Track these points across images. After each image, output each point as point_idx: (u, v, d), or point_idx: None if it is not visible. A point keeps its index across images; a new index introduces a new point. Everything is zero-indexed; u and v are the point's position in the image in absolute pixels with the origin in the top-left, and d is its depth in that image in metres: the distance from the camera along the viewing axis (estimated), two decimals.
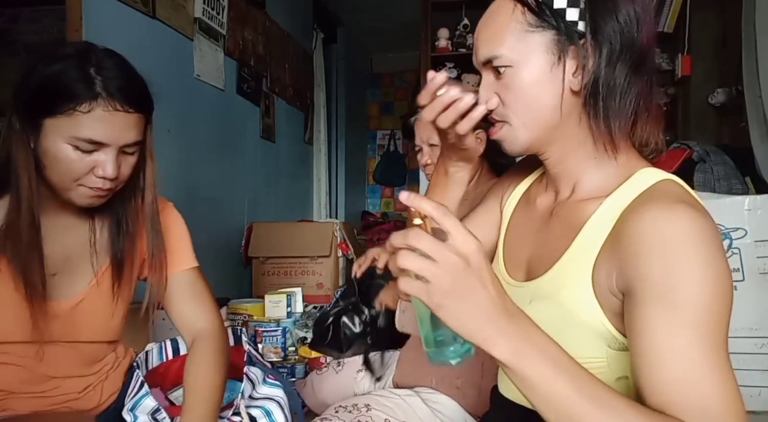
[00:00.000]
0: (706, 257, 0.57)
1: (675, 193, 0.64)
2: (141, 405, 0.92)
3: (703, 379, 0.55)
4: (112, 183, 0.88)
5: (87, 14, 1.73)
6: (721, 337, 0.57)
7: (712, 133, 2.82)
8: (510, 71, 0.69)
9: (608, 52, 0.65)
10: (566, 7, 0.66)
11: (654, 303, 0.58)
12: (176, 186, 2.26)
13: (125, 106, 0.85)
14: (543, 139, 0.71)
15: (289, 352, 1.92)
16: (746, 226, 1.72)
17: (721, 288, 0.57)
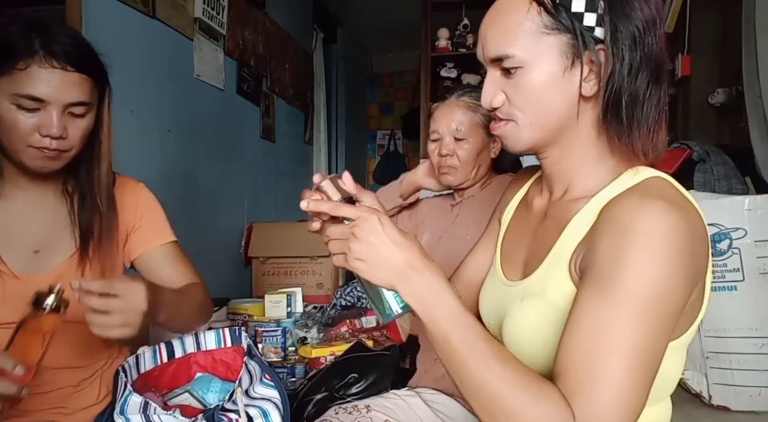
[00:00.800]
0: (661, 254, 0.57)
1: (659, 189, 0.64)
2: (129, 405, 0.92)
3: (605, 352, 0.56)
4: (58, 143, 0.89)
5: (87, 14, 1.73)
6: (649, 335, 0.56)
7: (712, 133, 2.82)
8: (520, 71, 0.68)
9: (629, 61, 0.64)
10: (584, 11, 0.65)
11: (593, 282, 0.59)
12: (176, 186, 2.26)
13: (63, 63, 0.87)
14: (546, 139, 0.71)
15: (289, 352, 1.92)
16: (746, 226, 1.72)
17: (663, 289, 0.57)
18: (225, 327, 1.16)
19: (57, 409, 0.99)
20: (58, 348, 0.95)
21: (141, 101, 2.03)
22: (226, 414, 0.94)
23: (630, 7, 0.65)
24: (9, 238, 0.95)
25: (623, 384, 0.55)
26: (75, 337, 1.00)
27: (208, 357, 1.11)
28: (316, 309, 2.34)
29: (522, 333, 0.72)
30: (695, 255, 0.60)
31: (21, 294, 0.91)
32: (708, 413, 1.72)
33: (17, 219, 0.96)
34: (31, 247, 0.97)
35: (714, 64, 2.81)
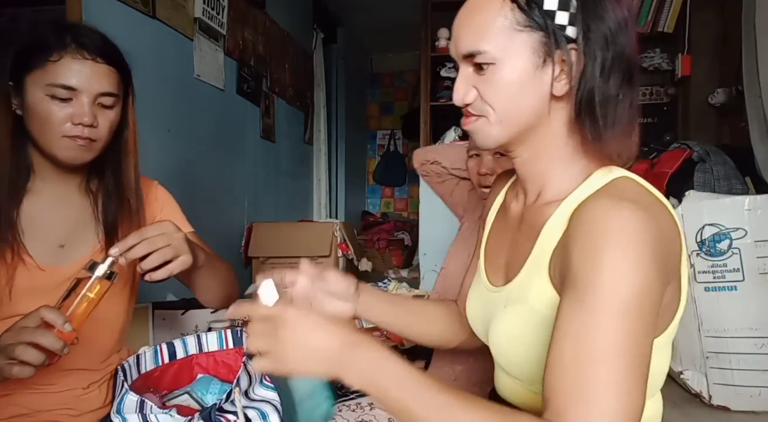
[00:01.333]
0: (629, 256, 0.56)
1: (625, 190, 0.64)
2: (125, 404, 0.92)
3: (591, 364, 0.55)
4: (89, 131, 0.93)
5: (87, 14, 1.73)
6: (633, 337, 0.56)
7: (712, 133, 2.82)
8: (492, 68, 0.68)
9: (601, 61, 0.65)
10: (556, 10, 0.65)
11: (570, 291, 0.59)
12: (176, 186, 2.25)
13: (94, 55, 0.93)
14: (516, 137, 0.71)
15: None
16: (746, 226, 1.72)
17: (639, 289, 0.56)
18: (227, 329, 1.16)
19: (65, 410, 1.00)
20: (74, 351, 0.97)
21: (141, 101, 2.01)
22: (225, 415, 0.94)
23: (602, 7, 0.65)
24: (36, 232, 0.98)
25: (616, 390, 0.54)
26: (92, 340, 1.00)
27: (210, 359, 1.11)
28: None
29: (506, 340, 0.72)
30: (665, 253, 0.60)
31: (47, 286, 0.95)
32: (708, 413, 1.72)
33: (44, 214, 0.99)
34: (57, 241, 1.00)
35: (714, 64, 2.82)
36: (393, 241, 3.93)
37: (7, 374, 0.78)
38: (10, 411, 0.96)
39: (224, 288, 1.13)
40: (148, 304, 1.70)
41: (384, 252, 3.76)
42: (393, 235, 4.06)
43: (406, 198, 5.74)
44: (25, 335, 0.77)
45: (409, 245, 4.03)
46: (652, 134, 3.09)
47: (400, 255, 3.83)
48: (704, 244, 1.76)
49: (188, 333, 1.72)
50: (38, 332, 0.78)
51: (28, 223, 0.97)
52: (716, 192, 2.05)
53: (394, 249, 3.84)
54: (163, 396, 1.04)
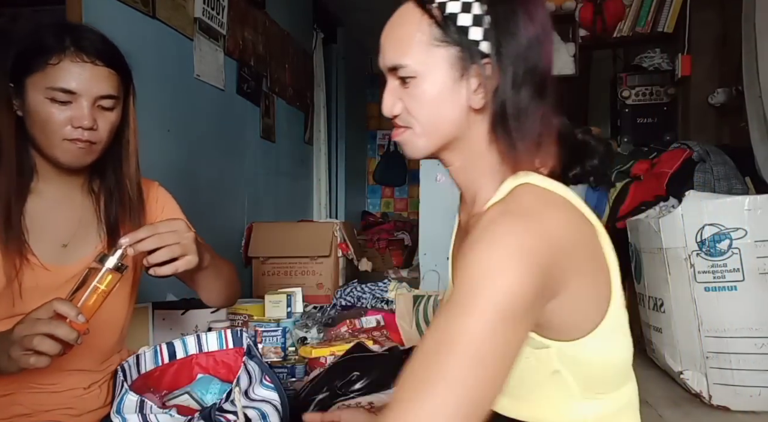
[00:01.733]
0: (497, 264, 0.57)
1: (519, 200, 0.65)
2: (125, 404, 0.92)
3: (434, 360, 0.56)
4: (90, 134, 0.93)
5: (87, 14, 1.73)
6: (485, 337, 0.56)
7: (712, 133, 2.82)
8: (414, 81, 0.70)
9: (512, 75, 0.66)
10: (470, 26, 0.67)
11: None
12: (176, 186, 2.25)
13: (93, 58, 0.93)
14: (443, 148, 0.73)
15: (289, 352, 1.92)
16: (746, 226, 1.71)
17: (503, 294, 0.57)
18: (227, 329, 1.16)
19: (65, 410, 1.00)
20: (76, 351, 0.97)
21: (141, 101, 2.02)
22: (225, 415, 0.94)
23: (514, 23, 0.66)
24: (40, 232, 0.98)
25: (452, 383, 0.54)
26: (93, 340, 1.01)
27: (210, 359, 1.11)
28: (316, 309, 2.34)
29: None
30: (550, 262, 0.60)
31: (51, 284, 0.96)
32: (708, 413, 1.72)
33: (48, 214, 1.00)
34: (60, 241, 1.01)
35: (714, 64, 2.82)
36: (393, 241, 3.93)
37: (24, 364, 0.79)
38: (12, 410, 0.96)
39: (227, 289, 1.14)
40: (148, 304, 1.70)
41: (384, 252, 3.76)
42: (393, 235, 4.05)
43: (406, 198, 5.74)
44: (40, 326, 0.78)
45: (409, 245, 4.03)
46: (652, 134, 3.09)
47: (400, 255, 3.83)
48: (704, 244, 1.76)
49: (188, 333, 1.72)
50: (53, 323, 0.79)
51: (32, 223, 0.98)
52: (716, 192, 2.05)
53: (394, 249, 3.84)
54: (163, 396, 1.04)
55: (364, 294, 2.49)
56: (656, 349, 2.00)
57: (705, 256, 1.76)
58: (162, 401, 1.02)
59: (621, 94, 3.25)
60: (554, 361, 0.66)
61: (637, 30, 3.07)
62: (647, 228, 1.98)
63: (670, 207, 2.05)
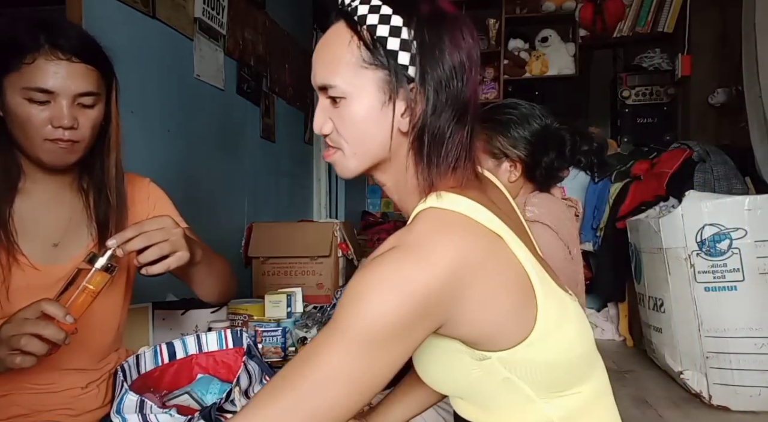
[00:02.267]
0: (365, 294, 0.59)
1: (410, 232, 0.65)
2: (125, 404, 0.92)
3: (286, 370, 0.62)
4: (71, 133, 0.91)
5: (87, 14, 1.73)
6: (322, 363, 0.60)
7: (712, 133, 2.82)
8: (344, 102, 0.71)
9: (434, 102, 0.67)
10: (398, 50, 0.67)
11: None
12: (176, 186, 2.26)
13: (69, 55, 0.90)
14: (373, 168, 0.74)
15: (289, 352, 1.91)
16: (746, 226, 1.72)
17: (366, 323, 0.59)
18: (227, 329, 1.16)
19: (64, 410, 1.00)
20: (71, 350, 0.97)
21: (141, 101, 2.03)
22: (224, 415, 0.94)
23: (439, 51, 0.66)
24: (29, 232, 0.97)
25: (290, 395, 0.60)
26: (89, 339, 1.01)
27: (210, 359, 1.11)
28: (316, 309, 2.34)
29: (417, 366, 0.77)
30: (431, 292, 0.60)
31: (41, 285, 0.94)
32: (708, 413, 1.72)
33: (36, 214, 0.99)
34: (50, 240, 0.99)
35: (714, 64, 2.82)
36: None
37: (10, 364, 0.78)
38: (10, 411, 0.96)
39: (222, 284, 1.13)
40: (148, 304, 1.70)
41: None
42: None
43: None
44: (28, 326, 0.78)
45: None
46: (652, 134, 3.09)
47: None
48: (704, 244, 1.76)
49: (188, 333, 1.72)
50: (41, 324, 0.78)
51: (21, 223, 0.96)
52: (716, 192, 2.05)
53: None
54: (163, 396, 1.04)
55: None
56: (656, 349, 2.00)
57: (705, 256, 1.76)
58: (162, 401, 1.02)
59: (621, 94, 3.25)
60: (500, 369, 0.67)
61: (637, 30, 3.07)
62: (647, 228, 1.98)
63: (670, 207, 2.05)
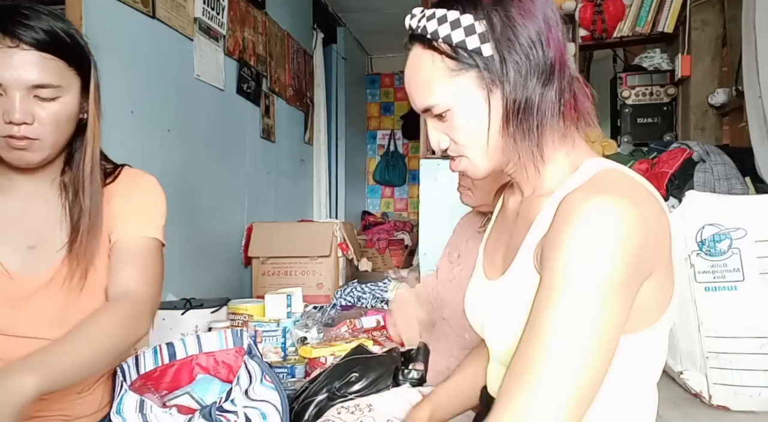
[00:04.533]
0: (599, 244, 0.58)
1: (608, 182, 0.66)
2: (125, 404, 0.92)
3: (538, 349, 0.58)
4: (25, 129, 0.82)
5: (87, 14, 1.73)
6: (588, 324, 0.58)
7: (712, 133, 2.82)
8: (449, 114, 0.72)
9: (515, 77, 0.68)
10: (480, 44, 0.68)
11: (541, 279, 0.63)
12: (176, 186, 2.26)
13: (20, 43, 0.80)
14: (502, 160, 0.75)
15: (289, 352, 1.92)
16: (746, 226, 1.71)
17: (601, 276, 0.58)
18: (227, 328, 1.16)
19: (59, 415, 0.98)
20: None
21: (141, 101, 2.03)
22: (224, 415, 0.94)
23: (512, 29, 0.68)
24: (4, 234, 0.91)
25: (559, 370, 0.57)
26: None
27: (210, 359, 1.11)
28: (316, 309, 2.34)
29: (501, 330, 0.74)
30: (644, 244, 0.61)
31: (14, 294, 0.88)
32: (708, 413, 1.72)
33: (12, 214, 0.92)
34: (26, 242, 0.93)
35: (714, 64, 2.81)
36: (393, 241, 3.92)
37: None
38: None
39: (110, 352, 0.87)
40: None
41: (384, 252, 3.76)
42: (393, 235, 4.05)
43: (406, 198, 5.74)
44: None
45: (409, 245, 4.03)
46: (652, 134, 3.09)
47: (400, 255, 3.83)
48: (704, 244, 1.76)
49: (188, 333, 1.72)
50: None
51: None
52: (716, 192, 2.05)
53: (394, 249, 3.84)
54: (163, 396, 1.04)
55: (364, 294, 2.49)
56: None
57: (705, 256, 1.75)
58: (162, 401, 1.02)
59: (621, 94, 3.25)
60: (628, 350, 0.66)
61: (637, 30, 3.06)
62: None
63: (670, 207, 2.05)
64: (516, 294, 0.72)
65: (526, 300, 0.69)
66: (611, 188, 0.63)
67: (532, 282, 0.68)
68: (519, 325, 0.69)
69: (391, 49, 5.42)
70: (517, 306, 0.71)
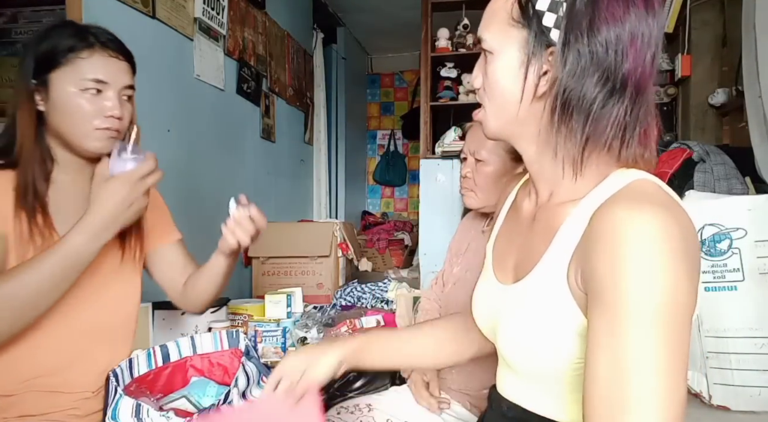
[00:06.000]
0: (659, 259, 0.55)
1: (645, 193, 0.63)
2: (120, 410, 0.91)
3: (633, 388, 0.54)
4: (118, 123, 1.03)
5: (87, 14, 1.73)
6: (668, 346, 0.54)
7: (712, 133, 2.82)
8: (491, 57, 0.71)
9: (572, 68, 0.64)
10: (545, 11, 0.65)
11: (598, 301, 0.58)
12: (176, 186, 2.26)
13: (116, 53, 1.03)
14: (510, 130, 0.73)
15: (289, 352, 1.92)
16: (746, 226, 1.71)
17: (670, 294, 0.55)
18: (222, 330, 1.16)
19: (71, 410, 1.00)
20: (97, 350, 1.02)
21: (141, 101, 2.02)
22: None
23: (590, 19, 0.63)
24: (60, 219, 1.03)
25: (653, 403, 0.53)
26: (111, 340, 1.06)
27: (205, 360, 1.11)
28: (316, 309, 2.34)
29: (516, 338, 0.72)
30: (691, 254, 0.59)
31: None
32: (708, 413, 1.72)
33: (66, 202, 1.05)
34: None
35: (714, 64, 2.81)
36: (393, 241, 3.92)
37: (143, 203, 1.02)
38: (17, 410, 0.96)
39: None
40: (148, 304, 1.70)
41: (384, 252, 3.76)
42: (393, 235, 4.05)
43: (406, 198, 5.74)
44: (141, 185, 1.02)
45: (409, 245, 4.03)
46: None
47: (400, 255, 3.83)
48: (704, 244, 1.75)
49: (188, 333, 1.72)
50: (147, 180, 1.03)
51: (54, 211, 1.03)
52: (716, 192, 2.05)
53: (394, 249, 3.83)
54: (159, 400, 1.04)
55: (364, 294, 2.49)
56: None
57: (705, 256, 1.75)
58: (158, 404, 1.02)
59: None
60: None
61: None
62: None
63: None
64: (537, 303, 0.69)
65: (549, 312, 0.67)
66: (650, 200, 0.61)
67: (558, 295, 0.66)
68: (537, 336, 0.68)
69: (391, 49, 5.42)
70: (537, 316, 0.69)
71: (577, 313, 0.64)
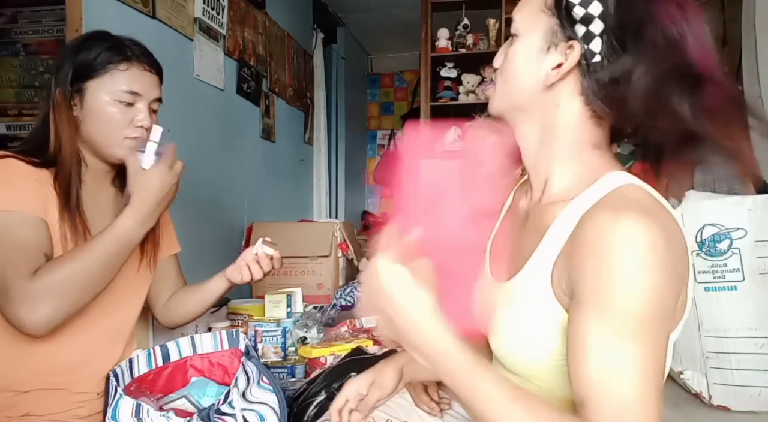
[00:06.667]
0: (641, 264, 0.57)
1: (631, 199, 0.63)
2: (120, 410, 0.91)
3: (620, 379, 0.56)
4: (146, 133, 1.08)
5: (87, 14, 1.73)
6: (650, 343, 0.57)
7: None
8: (515, 39, 0.71)
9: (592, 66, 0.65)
10: (576, 4, 0.65)
11: (583, 305, 0.59)
12: None
13: (150, 67, 1.11)
14: (513, 114, 0.73)
15: (289, 352, 1.91)
16: (746, 226, 1.71)
17: (654, 296, 0.57)
18: (222, 330, 1.16)
19: (74, 410, 1.01)
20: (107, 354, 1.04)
21: None
22: (222, 418, 0.93)
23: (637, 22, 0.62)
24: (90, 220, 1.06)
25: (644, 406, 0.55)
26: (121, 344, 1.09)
27: (205, 360, 1.11)
28: (316, 309, 2.33)
29: (506, 334, 0.73)
30: (675, 261, 0.60)
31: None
32: (708, 413, 1.72)
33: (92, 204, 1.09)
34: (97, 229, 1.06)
35: None
36: None
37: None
38: (23, 408, 0.96)
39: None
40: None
41: None
42: None
43: None
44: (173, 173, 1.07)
45: None
46: None
47: None
48: (704, 244, 1.75)
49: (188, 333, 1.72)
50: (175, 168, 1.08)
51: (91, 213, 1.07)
52: (716, 192, 2.05)
53: None
54: (159, 400, 1.04)
55: None
56: None
57: (705, 256, 1.75)
58: (158, 404, 1.02)
59: None
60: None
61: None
62: None
63: None
64: (523, 301, 0.70)
65: (533, 311, 0.68)
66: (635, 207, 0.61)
67: (542, 295, 0.67)
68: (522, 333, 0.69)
69: (391, 49, 5.42)
70: (522, 314, 0.70)
71: (560, 315, 0.65)
